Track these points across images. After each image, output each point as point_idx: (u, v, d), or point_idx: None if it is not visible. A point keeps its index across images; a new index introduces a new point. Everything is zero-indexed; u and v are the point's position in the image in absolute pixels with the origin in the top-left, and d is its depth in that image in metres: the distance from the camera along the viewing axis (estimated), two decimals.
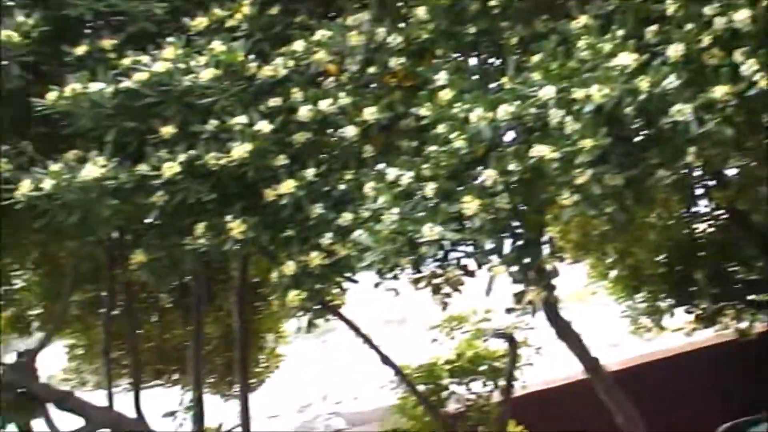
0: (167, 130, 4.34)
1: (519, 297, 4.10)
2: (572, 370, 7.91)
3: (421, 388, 7.19)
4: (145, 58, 4.41)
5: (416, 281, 4.58)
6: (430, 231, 3.79)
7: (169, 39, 4.51)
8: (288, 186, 4.23)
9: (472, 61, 4.64)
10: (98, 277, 7.95)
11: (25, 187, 4.16)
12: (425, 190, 3.97)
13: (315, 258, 4.22)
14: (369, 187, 4.14)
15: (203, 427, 7.06)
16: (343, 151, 4.41)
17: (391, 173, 4.09)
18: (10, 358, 6.12)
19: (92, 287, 8.34)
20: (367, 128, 4.36)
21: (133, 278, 7.64)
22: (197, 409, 7.19)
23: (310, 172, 4.30)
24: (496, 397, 7.37)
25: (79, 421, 5.93)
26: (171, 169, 4.21)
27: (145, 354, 8.66)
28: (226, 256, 6.09)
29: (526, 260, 4.07)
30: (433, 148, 4.02)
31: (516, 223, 4.08)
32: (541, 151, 3.70)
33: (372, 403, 16.81)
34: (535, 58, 3.99)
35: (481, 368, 7.35)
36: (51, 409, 5.92)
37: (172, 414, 7.05)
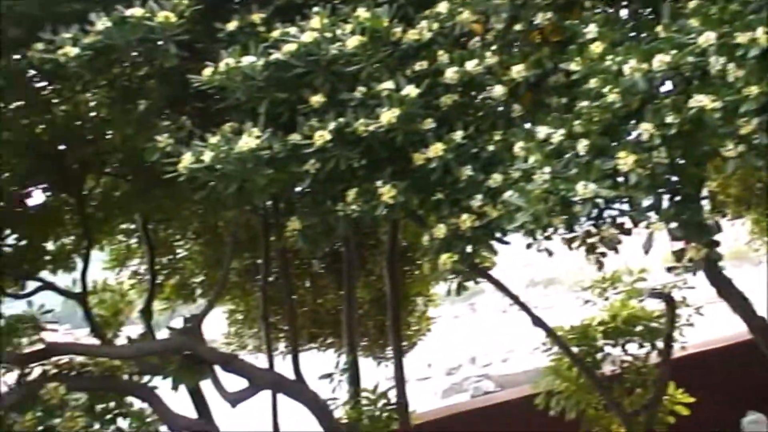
0: (317, 99, 4.43)
1: (679, 255, 3.96)
2: (734, 330, 7.61)
3: (574, 349, 7.07)
4: (292, 30, 4.50)
5: (570, 241, 4.49)
6: (583, 189, 3.69)
7: (315, 9, 4.58)
8: (436, 149, 4.24)
9: (623, 12, 4.46)
10: (254, 245, 8.28)
11: (186, 160, 4.33)
12: (577, 147, 3.86)
13: (465, 220, 4.21)
14: (518, 147, 4.08)
15: (359, 388, 7.24)
16: (491, 112, 4.37)
17: (542, 131, 4.01)
18: (177, 323, 6.45)
19: (249, 255, 8.70)
20: (515, 87, 4.29)
21: (287, 245, 7.92)
22: (352, 371, 7.38)
23: (458, 135, 4.28)
24: (654, 358, 7.16)
25: (243, 382, 6.21)
26: (322, 137, 4.29)
27: (299, 318, 8.96)
28: (377, 222, 6.19)
29: (686, 216, 3.92)
30: (585, 103, 3.91)
31: (674, 178, 3.93)
32: (701, 101, 3.53)
33: (521, 366, 16.76)
34: (692, 4, 3.79)
35: (637, 329, 7.14)
36: (217, 371, 6.21)
37: (328, 376, 7.25)
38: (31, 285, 6.72)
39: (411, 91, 4.23)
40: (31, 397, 5.31)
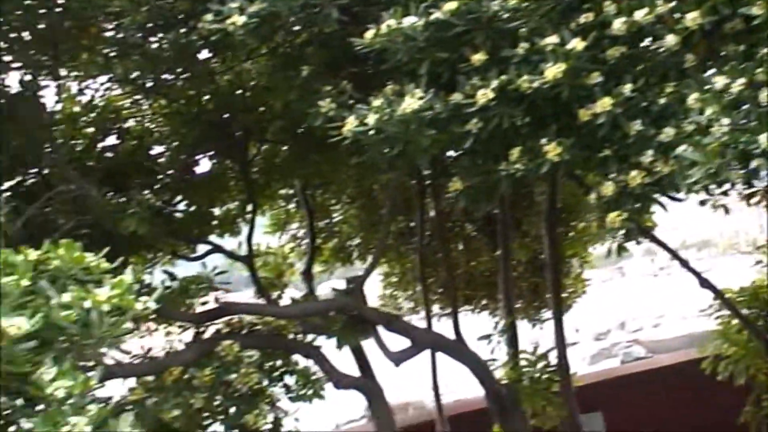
0: (478, 58, 4.36)
1: None
2: None
3: (744, 312, 6.76)
4: None
5: (748, 197, 4.28)
6: (767, 141, 3.49)
7: None
8: (604, 104, 4.09)
9: None
10: (408, 208, 8.35)
11: (351, 123, 4.39)
12: (759, 97, 3.64)
13: (635, 177, 4.06)
14: (693, 99, 3.88)
15: (518, 349, 7.21)
16: (662, 63, 4.17)
17: (718, 82, 3.80)
18: (340, 284, 6.61)
19: (403, 218, 8.79)
20: (689, 35, 4.07)
21: (441, 208, 7.94)
22: (510, 332, 7.36)
23: (626, 88, 4.11)
24: None
25: (405, 342, 6.31)
26: (484, 95, 4.24)
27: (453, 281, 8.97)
28: (537, 181, 6.10)
29: None
30: (767, 50, 3.68)
31: None
32: None
33: (673, 331, 16.22)
34: None
35: None
36: (380, 330, 6.33)
37: (487, 337, 7.27)
38: (201, 248, 7.05)
39: (577, 44, 4.11)
40: (208, 354, 5.59)
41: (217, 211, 7.27)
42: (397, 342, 6.41)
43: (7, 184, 5.82)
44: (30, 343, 3.18)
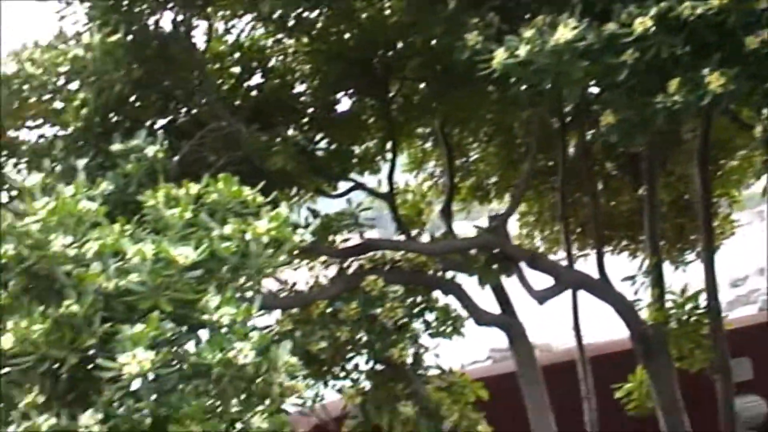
0: None
1: None
2: None
3: None
4: None
5: None
6: None
7: None
8: None
9: None
10: (547, 145, 8.16)
11: (500, 55, 4.29)
12: None
13: None
14: None
15: (663, 291, 7.00)
16: None
17: None
18: (483, 222, 6.57)
19: (542, 156, 8.60)
20: None
21: (583, 145, 7.74)
22: (656, 273, 7.15)
23: None
24: None
25: (548, 280, 6.23)
26: (642, 24, 4.05)
27: (592, 221, 8.76)
28: (686, 118, 5.82)
29: None
30: None
31: None
32: None
33: None
34: None
35: None
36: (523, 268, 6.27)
37: (631, 278, 7.09)
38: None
39: None
40: (352, 289, 5.69)
41: (357, 149, 7.33)
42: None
43: (160, 123, 6.06)
44: (196, 272, 3.33)
